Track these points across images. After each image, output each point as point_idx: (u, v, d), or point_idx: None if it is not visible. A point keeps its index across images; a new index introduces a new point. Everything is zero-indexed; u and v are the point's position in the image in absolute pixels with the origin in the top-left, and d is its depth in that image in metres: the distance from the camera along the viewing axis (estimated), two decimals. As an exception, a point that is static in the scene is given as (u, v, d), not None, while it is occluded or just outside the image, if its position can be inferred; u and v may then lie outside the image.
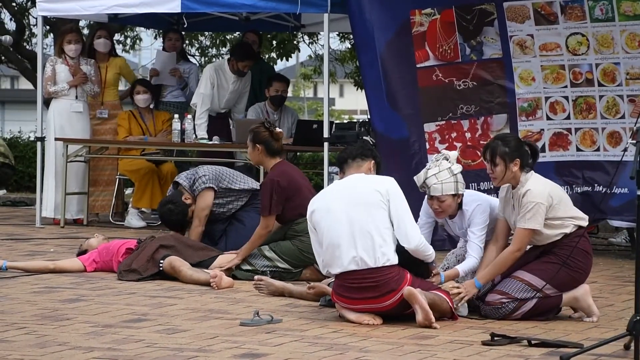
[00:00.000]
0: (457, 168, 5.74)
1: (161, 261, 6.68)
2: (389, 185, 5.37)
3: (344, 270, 5.30)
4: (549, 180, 5.66)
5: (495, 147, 5.54)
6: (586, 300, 5.55)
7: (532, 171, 5.59)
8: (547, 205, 5.43)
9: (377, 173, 5.66)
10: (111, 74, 10.03)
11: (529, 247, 5.62)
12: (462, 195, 5.75)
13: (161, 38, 15.58)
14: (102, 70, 9.97)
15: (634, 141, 4.64)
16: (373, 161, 5.65)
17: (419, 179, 5.74)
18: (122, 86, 10.52)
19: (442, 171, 5.68)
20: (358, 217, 5.28)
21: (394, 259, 5.28)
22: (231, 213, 7.42)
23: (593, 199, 8.07)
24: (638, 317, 4.57)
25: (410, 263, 5.40)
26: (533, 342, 4.88)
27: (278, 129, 6.80)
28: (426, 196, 5.77)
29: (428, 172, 5.70)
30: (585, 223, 5.54)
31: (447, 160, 5.74)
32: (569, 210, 5.53)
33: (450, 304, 5.39)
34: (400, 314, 5.32)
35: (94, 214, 10.07)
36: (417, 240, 5.34)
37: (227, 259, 6.85)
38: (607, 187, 7.95)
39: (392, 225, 5.31)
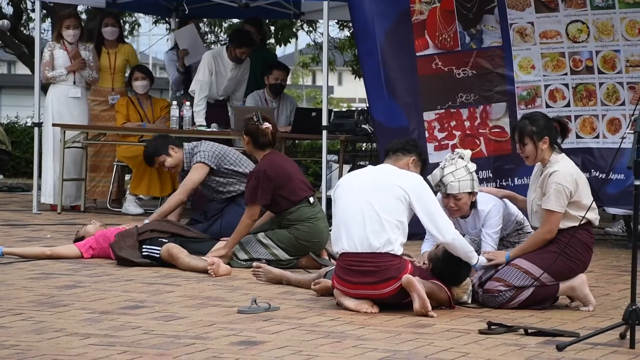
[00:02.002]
0: (473, 166, 5.74)
1: (158, 248, 6.68)
2: (415, 182, 5.33)
3: (348, 249, 5.30)
4: (577, 167, 5.64)
5: (523, 127, 5.52)
6: (583, 290, 5.55)
7: (564, 154, 5.57)
8: (571, 190, 5.42)
9: (422, 170, 5.62)
10: (120, 60, 10.01)
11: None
12: (477, 194, 5.74)
13: (161, 24, 15.57)
14: (111, 56, 9.95)
15: (632, 131, 4.64)
16: (414, 157, 5.60)
17: (434, 177, 5.72)
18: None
19: (458, 169, 5.68)
20: (374, 202, 5.29)
21: (398, 250, 5.28)
22: (231, 196, 7.42)
23: (592, 186, 8.06)
24: (634, 307, 4.58)
25: (448, 268, 5.38)
26: (529, 330, 4.89)
27: (266, 125, 6.71)
28: (439, 195, 5.75)
29: (444, 170, 5.69)
30: (596, 222, 5.52)
31: (462, 158, 5.73)
32: (590, 199, 5.50)
33: (448, 293, 5.40)
34: (398, 303, 5.32)
35: (92, 200, 10.05)
36: (452, 233, 5.31)
37: (221, 246, 6.87)
38: (605, 174, 7.95)
39: (421, 221, 5.30)
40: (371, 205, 5.30)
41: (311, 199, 6.75)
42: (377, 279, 5.26)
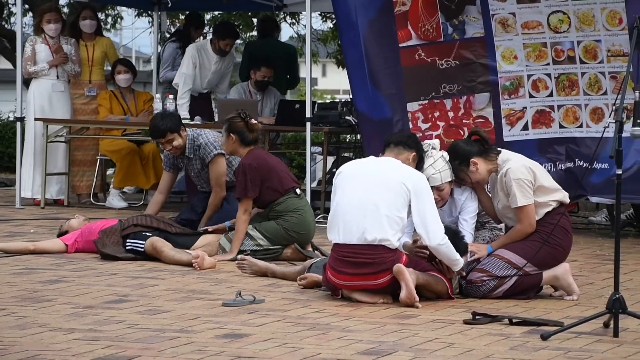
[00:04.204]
0: (447, 155, 5.78)
1: (142, 242, 6.67)
2: (417, 181, 5.34)
3: (343, 240, 5.30)
4: (526, 158, 5.68)
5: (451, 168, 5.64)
6: (566, 279, 5.57)
7: (505, 151, 5.62)
8: (530, 179, 5.46)
9: (418, 167, 5.65)
10: (98, 53, 9.97)
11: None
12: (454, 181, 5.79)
13: (143, 17, 15.50)
14: (89, 49, 9.90)
15: (614, 120, 4.65)
16: (415, 154, 5.66)
17: None
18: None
19: (437, 160, 5.71)
20: (376, 196, 5.29)
21: (395, 244, 5.29)
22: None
23: (576, 175, 8.10)
24: (617, 295, 4.60)
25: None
26: (514, 320, 4.90)
27: (254, 121, 6.79)
28: None
29: (423, 164, 5.71)
30: (566, 199, 5.57)
31: (435, 149, 5.77)
32: (551, 181, 5.55)
33: (447, 285, 5.40)
34: (393, 293, 5.31)
35: (83, 194, 10.00)
36: (439, 239, 5.31)
37: (209, 239, 6.85)
38: (589, 163, 7.97)
39: (413, 220, 5.32)
40: (373, 200, 5.28)
41: (297, 191, 6.76)
42: (372, 270, 5.27)
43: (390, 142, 5.69)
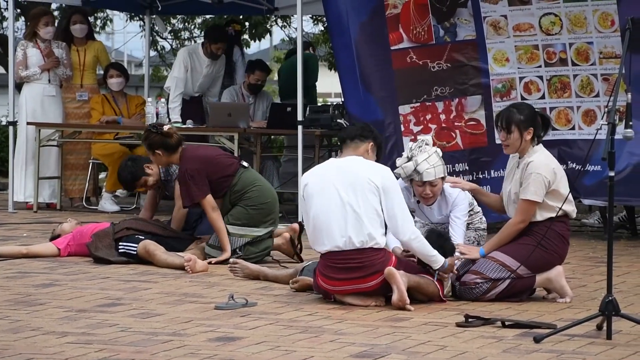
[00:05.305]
0: (440, 151, 5.78)
1: (134, 245, 6.66)
2: (384, 176, 5.32)
3: (330, 249, 5.30)
4: (555, 159, 5.67)
5: (511, 115, 5.54)
6: (559, 282, 5.58)
7: (541, 145, 5.60)
8: (550, 180, 5.45)
9: (378, 154, 5.60)
10: (90, 57, 9.98)
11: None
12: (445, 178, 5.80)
13: (135, 21, 15.51)
14: (80, 53, 9.91)
15: (607, 122, 4.66)
16: (372, 142, 5.54)
17: (407, 168, 5.69)
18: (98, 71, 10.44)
19: (431, 155, 5.70)
20: (349, 198, 5.28)
21: (381, 242, 5.29)
22: None
23: (568, 177, 8.09)
24: (610, 298, 4.60)
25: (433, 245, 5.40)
26: (507, 323, 4.90)
27: (166, 126, 6.79)
28: (409, 185, 5.75)
29: (417, 158, 5.69)
30: (573, 214, 5.56)
31: (429, 144, 5.76)
32: (567, 191, 5.52)
33: (438, 287, 5.40)
34: (385, 295, 5.31)
35: (76, 198, 9.99)
36: (409, 233, 5.30)
37: (202, 243, 6.87)
38: (582, 165, 7.99)
39: (384, 215, 5.29)
40: (348, 201, 5.28)
41: (244, 163, 6.83)
42: (363, 274, 5.27)
43: (346, 138, 5.55)
